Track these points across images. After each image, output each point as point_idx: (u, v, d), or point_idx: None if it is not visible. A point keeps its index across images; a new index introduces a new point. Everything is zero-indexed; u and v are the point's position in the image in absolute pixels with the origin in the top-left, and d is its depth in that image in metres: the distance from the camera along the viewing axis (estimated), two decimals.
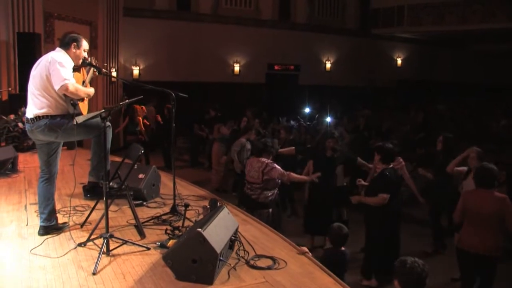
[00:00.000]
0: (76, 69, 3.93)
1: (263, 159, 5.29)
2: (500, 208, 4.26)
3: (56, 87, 3.61)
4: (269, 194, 5.28)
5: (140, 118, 10.14)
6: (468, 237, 4.43)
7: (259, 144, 5.56)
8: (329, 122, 9.92)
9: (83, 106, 3.91)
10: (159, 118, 11.63)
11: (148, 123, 10.89)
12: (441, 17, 16.89)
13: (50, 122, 3.74)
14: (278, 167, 5.28)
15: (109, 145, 3.83)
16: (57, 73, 3.61)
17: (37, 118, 3.75)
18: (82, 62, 3.98)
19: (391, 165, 5.24)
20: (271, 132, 10.07)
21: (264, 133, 8.81)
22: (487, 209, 4.30)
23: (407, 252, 5.63)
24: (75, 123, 3.67)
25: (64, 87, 3.59)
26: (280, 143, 7.72)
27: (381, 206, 5.09)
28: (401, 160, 6.12)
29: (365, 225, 5.51)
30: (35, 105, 3.77)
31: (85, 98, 3.94)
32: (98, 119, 3.62)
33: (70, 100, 3.74)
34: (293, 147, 6.95)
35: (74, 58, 3.89)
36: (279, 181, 5.36)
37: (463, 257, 4.55)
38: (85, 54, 3.99)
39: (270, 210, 5.32)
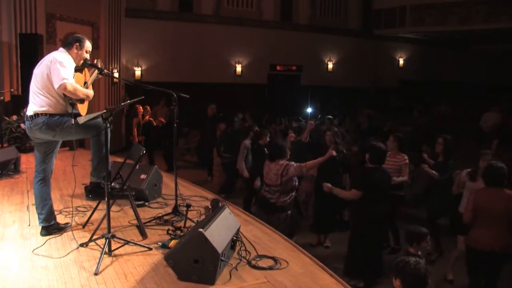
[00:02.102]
0: (78, 69, 3.94)
1: (280, 162, 5.32)
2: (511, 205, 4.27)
3: (55, 86, 3.64)
4: (287, 197, 5.30)
5: (135, 120, 10.07)
6: (480, 236, 4.41)
7: (275, 147, 5.56)
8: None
9: (82, 108, 3.91)
10: (162, 119, 11.59)
11: (155, 123, 10.89)
12: (443, 17, 16.86)
13: (48, 120, 3.76)
14: (294, 163, 5.30)
15: (108, 145, 3.83)
16: (57, 72, 3.64)
17: (36, 115, 3.77)
18: (83, 63, 3.99)
19: (379, 166, 5.21)
20: (273, 133, 10.07)
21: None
22: (498, 207, 4.29)
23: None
24: (73, 123, 3.68)
25: (63, 86, 3.61)
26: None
27: (362, 206, 5.09)
28: (405, 157, 6.13)
29: (351, 225, 5.53)
30: (35, 103, 3.80)
31: (85, 100, 3.94)
32: (97, 119, 3.63)
33: (68, 99, 3.75)
34: None
35: (76, 58, 3.91)
36: (296, 183, 5.37)
37: (473, 256, 4.53)
38: (87, 55, 4.00)
39: (289, 212, 5.34)
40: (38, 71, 3.82)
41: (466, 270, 4.76)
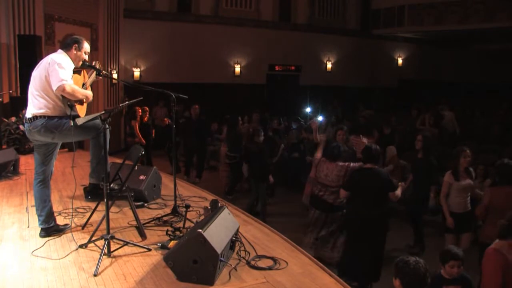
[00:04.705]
0: (76, 71, 3.93)
1: (340, 163, 5.39)
2: None
3: (54, 88, 3.64)
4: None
5: (133, 122, 10.03)
6: (493, 233, 4.44)
7: (334, 149, 5.59)
8: (320, 121, 9.85)
9: (81, 109, 3.91)
10: (167, 121, 11.51)
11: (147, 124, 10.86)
12: (442, 16, 16.86)
13: (47, 122, 3.76)
14: (353, 163, 5.47)
15: (107, 147, 3.84)
16: (55, 74, 3.64)
17: (35, 118, 3.77)
18: (82, 64, 3.99)
19: (373, 166, 5.22)
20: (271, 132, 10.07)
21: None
22: None
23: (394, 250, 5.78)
24: (72, 124, 3.68)
25: (61, 88, 3.60)
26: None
27: (351, 207, 5.20)
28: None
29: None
30: (34, 106, 3.80)
31: (84, 101, 3.94)
32: (96, 120, 3.63)
33: (67, 101, 3.75)
34: None
35: (75, 59, 3.91)
36: None
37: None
38: (86, 57, 4.00)
39: (344, 210, 5.51)
40: (37, 73, 3.82)
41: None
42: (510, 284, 3.14)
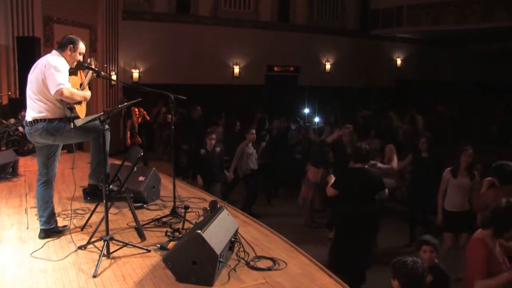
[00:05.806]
0: (72, 72, 3.93)
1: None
2: None
3: (51, 92, 3.63)
4: None
5: (129, 122, 10.03)
6: None
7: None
8: (317, 122, 9.87)
9: (81, 110, 3.91)
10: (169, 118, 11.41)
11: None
12: (440, 16, 16.89)
13: (47, 125, 3.76)
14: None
15: (107, 148, 3.84)
16: (52, 78, 3.62)
17: (35, 121, 3.77)
18: (79, 65, 3.98)
19: (363, 166, 5.22)
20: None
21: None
22: None
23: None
24: (72, 126, 3.68)
25: (59, 92, 3.60)
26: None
27: (339, 205, 5.23)
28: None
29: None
30: (33, 109, 3.79)
31: (83, 102, 3.94)
32: (96, 121, 3.64)
33: (66, 104, 3.75)
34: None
35: (70, 60, 3.89)
36: None
37: None
38: (81, 58, 3.98)
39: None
40: (33, 77, 3.80)
41: None
42: (491, 272, 3.18)
